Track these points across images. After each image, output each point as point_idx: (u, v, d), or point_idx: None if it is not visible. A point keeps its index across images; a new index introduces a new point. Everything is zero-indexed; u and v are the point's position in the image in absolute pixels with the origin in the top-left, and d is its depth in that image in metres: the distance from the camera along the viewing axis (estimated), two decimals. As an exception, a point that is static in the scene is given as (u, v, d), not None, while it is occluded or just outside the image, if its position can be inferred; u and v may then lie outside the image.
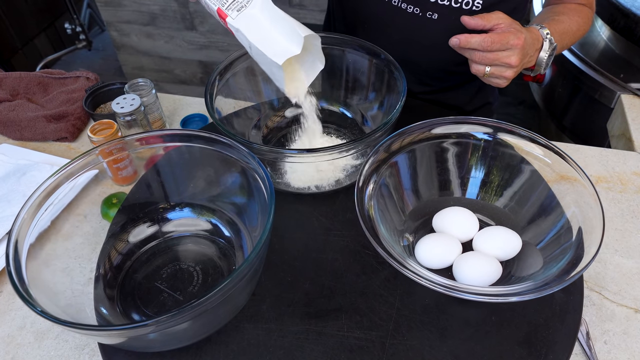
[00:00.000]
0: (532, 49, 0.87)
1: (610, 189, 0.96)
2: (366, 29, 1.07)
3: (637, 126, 1.10)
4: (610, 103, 1.20)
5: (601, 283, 0.81)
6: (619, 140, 1.14)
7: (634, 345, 0.74)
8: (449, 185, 0.84)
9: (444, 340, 0.69)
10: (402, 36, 1.01)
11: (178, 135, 0.77)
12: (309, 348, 0.69)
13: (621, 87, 1.19)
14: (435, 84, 1.12)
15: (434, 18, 0.95)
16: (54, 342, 0.76)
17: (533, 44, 0.87)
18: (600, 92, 1.22)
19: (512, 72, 0.85)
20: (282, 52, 0.74)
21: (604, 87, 1.20)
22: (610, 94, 1.20)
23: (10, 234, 0.64)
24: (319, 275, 0.77)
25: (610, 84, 1.20)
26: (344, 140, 0.96)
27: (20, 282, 0.60)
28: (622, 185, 0.97)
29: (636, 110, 1.14)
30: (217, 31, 2.49)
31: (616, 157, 1.03)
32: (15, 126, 1.10)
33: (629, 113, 1.13)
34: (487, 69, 0.84)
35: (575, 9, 1.01)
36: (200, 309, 0.57)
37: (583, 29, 1.01)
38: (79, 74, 1.24)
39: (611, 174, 0.99)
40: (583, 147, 1.05)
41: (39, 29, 2.89)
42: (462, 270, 0.72)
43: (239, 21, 0.74)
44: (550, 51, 0.90)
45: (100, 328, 0.62)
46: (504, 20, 0.84)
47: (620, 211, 0.92)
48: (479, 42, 0.81)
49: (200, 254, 0.80)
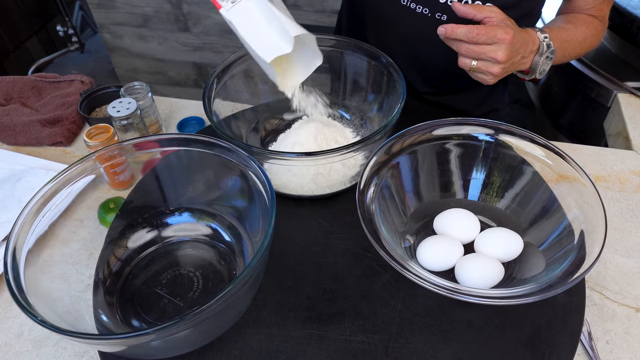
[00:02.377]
0: (525, 49, 0.85)
1: (609, 188, 0.96)
2: (375, 27, 1.06)
3: (634, 125, 1.10)
4: (607, 102, 1.20)
5: (602, 283, 0.81)
6: (616, 139, 1.14)
7: (636, 345, 0.74)
8: (450, 186, 0.83)
9: (447, 343, 0.69)
10: (410, 36, 1.00)
11: (176, 139, 0.76)
12: (311, 353, 0.68)
13: (618, 86, 1.19)
14: (442, 85, 1.11)
15: (443, 19, 0.94)
16: (53, 349, 0.75)
17: (526, 44, 0.85)
18: (597, 91, 1.22)
19: (499, 68, 0.82)
20: (272, 50, 0.73)
21: (601, 86, 1.21)
22: (607, 93, 1.20)
23: (8, 241, 0.64)
24: (320, 279, 0.77)
25: (606, 83, 1.20)
26: (350, 128, 0.97)
27: (19, 290, 0.59)
28: (620, 184, 0.97)
29: (633, 109, 1.14)
30: (211, 33, 2.48)
31: (614, 156, 1.03)
32: (9, 131, 1.09)
33: (626, 112, 1.13)
34: (473, 63, 0.83)
35: (584, 20, 0.99)
36: (203, 316, 0.57)
37: (590, 41, 0.99)
38: (73, 77, 1.23)
39: (609, 173, 0.99)
40: (581, 147, 1.05)
41: (31, 31, 2.87)
42: (464, 273, 0.72)
43: (233, 13, 0.74)
44: (547, 54, 0.88)
45: (101, 337, 0.61)
46: (496, 14, 0.82)
47: (619, 210, 0.92)
48: (465, 32, 0.79)
49: (200, 259, 0.79)
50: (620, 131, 1.12)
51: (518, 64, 0.87)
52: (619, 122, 1.14)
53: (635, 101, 1.16)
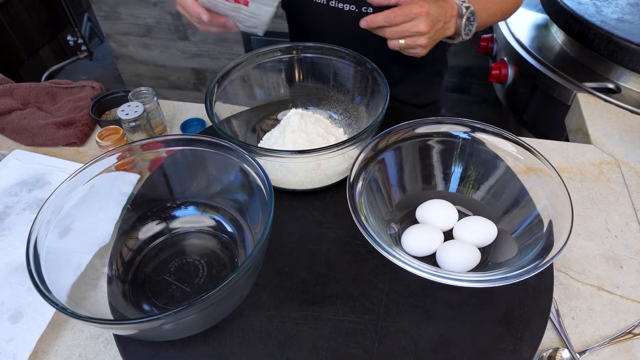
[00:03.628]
0: (445, 16, 0.83)
1: (571, 179, 0.96)
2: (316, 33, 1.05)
3: (592, 121, 1.10)
4: (567, 101, 1.20)
5: (567, 264, 0.81)
6: (577, 134, 1.14)
7: (598, 320, 0.74)
8: (431, 179, 0.83)
9: (430, 322, 0.69)
10: (345, 35, 0.98)
11: (182, 139, 0.75)
12: (307, 332, 0.68)
13: (577, 87, 1.19)
14: None
15: (369, 12, 0.92)
16: (71, 332, 0.74)
17: (445, 11, 0.82)
18: (558, 91, 1.21)
19: (425, 39, 0.81)
20: None
21: (562, 86, 1.20)
22: (567, 93, 1.19)
23: (30, 235, 0.62)
24: (314, 265, 0.76)
25: (567, 84, 1.20)
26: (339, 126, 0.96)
27: (40, 281, 0.58)
28: (581, 175, 0.97)
29: (591, 107, 1.14)
30: (208, 41, 2.46)
31: (575, 149, 1.03)
32: (27, 133, 1.07)
33: (585, 110, 1.13)
34: (401, 42, 0.82)
35: None
36: (210, 301, 0.56)
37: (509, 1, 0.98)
38: (84, 83, 1.21)
39: (571, 165, 0.99)
40: (546, 142, 1.05)
41: (43, 41, 2.82)
42: (445, 257, 0.72)
43: None
44: (468, 15, 0.85)
45: (117, 322, 0.60)
46: None
47: (580, 199, 0.92)
48: (384, 18, 0.79)
49: (205, 248, 0.78)
50: (580, 127, 1.12)
51: (443, 30, 0.84)
52: (578, 118, 1.14)
53: (593, 100, 1.16)
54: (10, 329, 0.72)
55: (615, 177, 0.96)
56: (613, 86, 1.19)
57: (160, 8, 2.37)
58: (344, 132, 0.94)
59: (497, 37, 1.48)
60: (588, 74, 1.23)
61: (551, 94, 1.25)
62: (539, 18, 1.46)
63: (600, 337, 0.72)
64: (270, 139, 0.89)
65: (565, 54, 1.31)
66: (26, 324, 0.73)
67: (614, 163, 0.99)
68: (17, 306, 0.75)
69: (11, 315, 0.74)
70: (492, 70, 1.40)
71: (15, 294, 0.76)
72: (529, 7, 1.51)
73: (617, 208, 0.90)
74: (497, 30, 1.46)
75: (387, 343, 0.66)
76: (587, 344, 0.71)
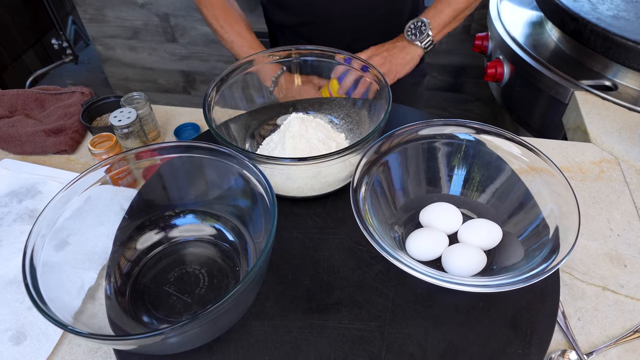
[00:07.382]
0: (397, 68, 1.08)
1: (572, 178, 0.96)
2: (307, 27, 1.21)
3: (591, 120, 1.10)
4: (564, 99, 1.20)
5: (571, 264, 0.81)
6: (575, 132, 1.14)
7: (604, 320, 0.74)
8: (435, 182, 0.82)
9: (438, 327, 0.68)
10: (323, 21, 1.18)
11: (180, 146, 0.74)
12: (313, 341, 0.67)
13: (574, 85, 1.19)
14: None
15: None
16: (68, 347, 0.73)
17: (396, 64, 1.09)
18: (555, 90, 1.22)
19: None
20: None
21: (559, 84, 1.20)
22: (564, 91, 1.20)
23: (25, 248, 0.61)
24: (318, 272, 0.75)
25: (564, 82, 1.20)
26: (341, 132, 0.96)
27: (37, 296, 0.57)
28: (582, 174, 0.97)
29: (589, 105, 1.14)
30: (197, 43, 2.45)
31: (575, 148, 1.03)
32: (15, 141, 1.05)
33: (583, 108, 1.14)
34: None
35: None
36: (215, 313, 0.55)
37: None
38: (74, 89, 1.19)
39: (572, 164, 1.00)
40: (545, 141, 1.05)
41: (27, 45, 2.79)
42: (450, 262, 0.71)
43: None
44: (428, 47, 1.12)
45: (120, 338, 0.59)
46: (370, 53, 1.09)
47: (582, 198, 0.92)
48: None
49: (206, 258, 0.77)
50: (579, 125, 1.12)
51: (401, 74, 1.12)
52: (577, 117, 1.14)
53: (591, 98, 1.16)
54: (13, 350, 0.71)
55: (616, 175, 0.97)
56: (610, 83, 1.19)
57: (148, 10, 2.35)
58: (345, 137, 0.93)
59: (492, 35, 1.48)
60: (584, 72, 1.24)
61: (548, 92, 1.25)
62: (533, 15, 1.46)
63: (607, 337, 0.72)
64: (270, 144, 0.88)
65: (560, 52, 1.32)
66: (30, 347, 0.71)
67: (614, 161, 1.00)
68: (17, 326, 0.74)
69: (12, 335, 0.72)
70: (488, 69, 1.41)
71: (13, 312, 0.75)
72: (522, 5, 1.52)
73: (618, 206, 0.91)
74: (492, 28, 1.46)
75: (394, 350, 0.66)
76: (594, 345, 0.71)
